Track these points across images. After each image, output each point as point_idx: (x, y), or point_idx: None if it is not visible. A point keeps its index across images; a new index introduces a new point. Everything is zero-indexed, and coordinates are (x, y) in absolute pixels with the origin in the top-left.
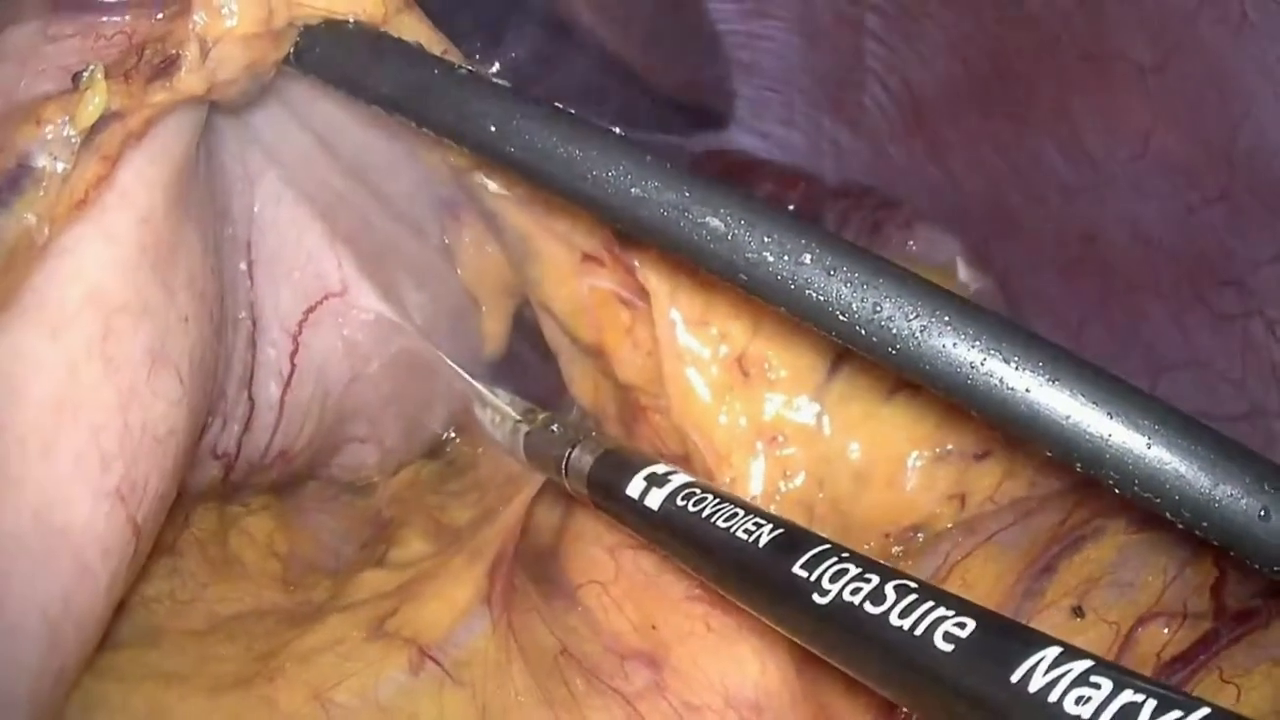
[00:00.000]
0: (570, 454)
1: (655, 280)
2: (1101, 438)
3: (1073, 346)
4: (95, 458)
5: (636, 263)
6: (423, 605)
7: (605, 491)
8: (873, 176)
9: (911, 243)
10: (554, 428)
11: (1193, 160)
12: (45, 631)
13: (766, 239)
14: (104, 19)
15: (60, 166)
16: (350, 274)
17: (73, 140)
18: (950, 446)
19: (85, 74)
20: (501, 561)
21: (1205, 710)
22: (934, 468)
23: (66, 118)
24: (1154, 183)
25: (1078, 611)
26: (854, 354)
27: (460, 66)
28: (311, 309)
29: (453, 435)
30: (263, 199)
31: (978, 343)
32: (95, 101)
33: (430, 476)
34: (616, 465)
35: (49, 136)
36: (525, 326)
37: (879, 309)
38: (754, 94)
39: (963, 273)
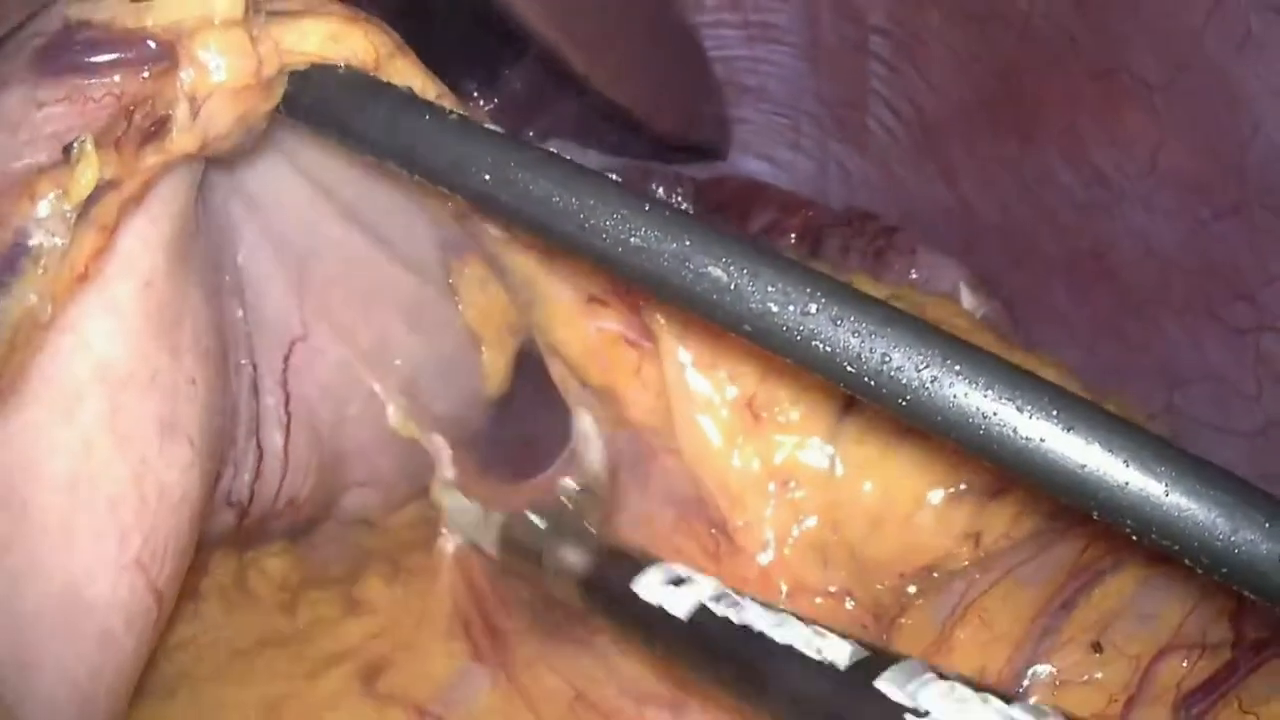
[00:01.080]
0: (559, 550)
1: (663, 321)
2: (1118, 486)
3: (1086, 362)
4: (114, 532)
5: (643, 303)
6: (408, 666)
7: (607, 595)
8: (881, 198)
9: (914, 271)
10: (535, 519)
11: (1203, 175)
12: (78, 699)
13: (771, 289)
14: (90, 81)
15: (58, 242)
16: (310, 317)
17: (68, 214)
18: (964, 485)
19: (75, 146)
20: (473, 619)
21: None
22: (949, 507)
23: (60, 192)
24: (1164, 198)
25: (1097, 647)
26: None
27: (452, 112)
28: (287, 356)
29: None
30: (246, 247)
31: (990, 392)
32: (88, 175)
33: (429, 515)
34: (620, 564)
35: (44, 213)
36: (527, 367)
37: (888, 359)
38: (760, 119)
39: (966, 299)
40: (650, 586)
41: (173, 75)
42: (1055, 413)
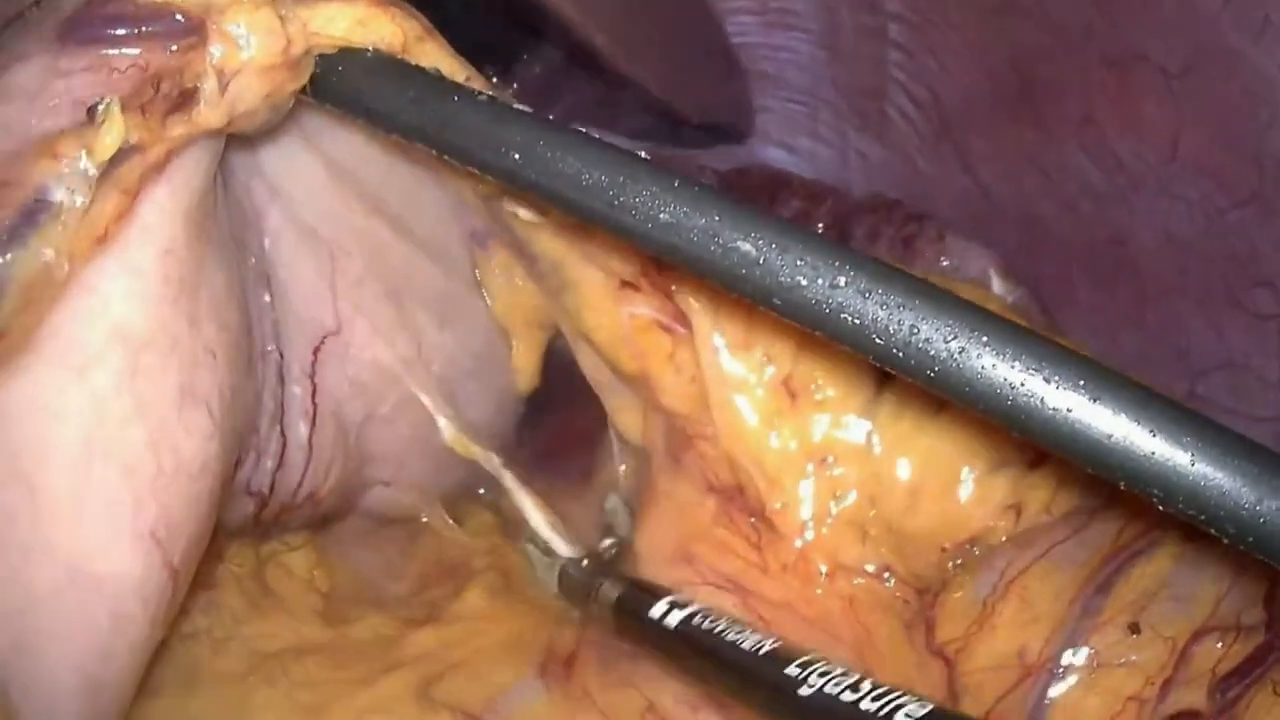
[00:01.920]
0: (599, 586)
1: (695, 304)
2: (1145, 455)
3: (1108, 352)
4: (128, 501)
5: (674, 287)
6: (471, 674)
7: (631, 615)
8: (901, 187)
9: (944, 258)
10: (584, 563)
11: (1221, 163)
12: (84, 689)
13: (800, 262)
14: (115, 51)
15: (79, 200)
16: (345, 312)
17: (90, 174)
18: (1003, 456)
19: (101, 106)
20: (559, 647)
21: None
22: (988, 480)
23: (83, 151)
24: (1183, 186)
25: (1134, 628)
26: None
27: (482, 94)
28: (317, 348)
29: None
30: (271, 233)
31: (1017, 363)
32: (113, 134)
33: (482, 526)
34: (642, 592)
35: (65, 170)
36: (556, 362)
37: (916, 330)
38: (779, 107)
39: (996, 285)
40: (659, 607)
41: (202, 50)
42: (1082, 383)
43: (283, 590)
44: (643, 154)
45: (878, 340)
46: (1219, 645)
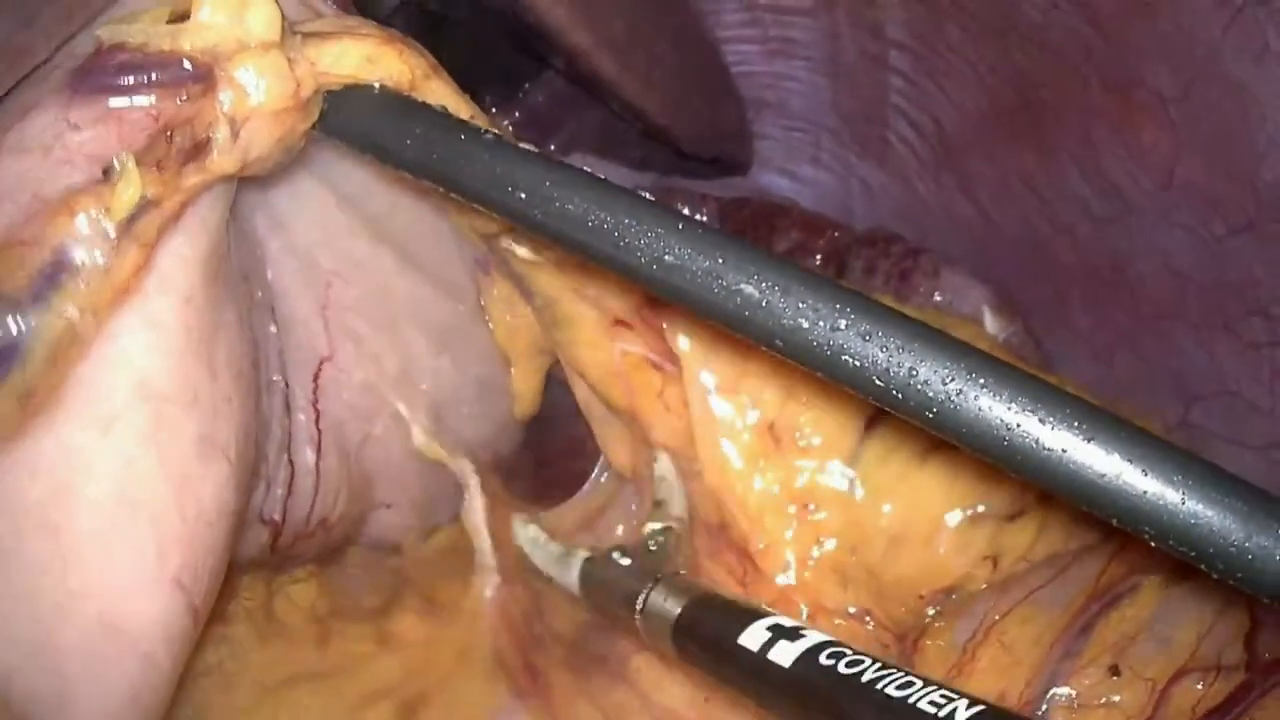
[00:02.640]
0: (649, 592)
1: (686, 345)
2: (1138, 494)
3: (1104, 375)
4: (153, 551)
5: (666, 326)
6: (448, 699)
7: (702, 641)
8: (901, 213)
9: (938, 293)
10: (621, 559)
11: (1218, 190)
12: None
13: (801, 304)
14: (125, 100)
15: (99, 259)
16: (336, 337)
17: (109, 232)
18: (983, 508)
19: (117, 164)
20: (511, 659)
21: None
22: (968, 529)
23: (102, 210)
24: (1180, 213)
25: (1114, 670)
26: (887, 418)
27: (488, 131)
28: (316, 374)
29: None
30: (273, 264)
31: (1013, 404)
32: (130, 191)
33: (461, 545)
34: (718, 611)
35: (84, 230)
36: (557, 386)
37: (915, 373)
38: (781, 134)
39: (990, 322)
40: (756, 634)
41: (211, 98)
42: (1077, 424)
43: (288, 621)
44: (647, 195)
45: (877, 382)
46: (1199, 685)
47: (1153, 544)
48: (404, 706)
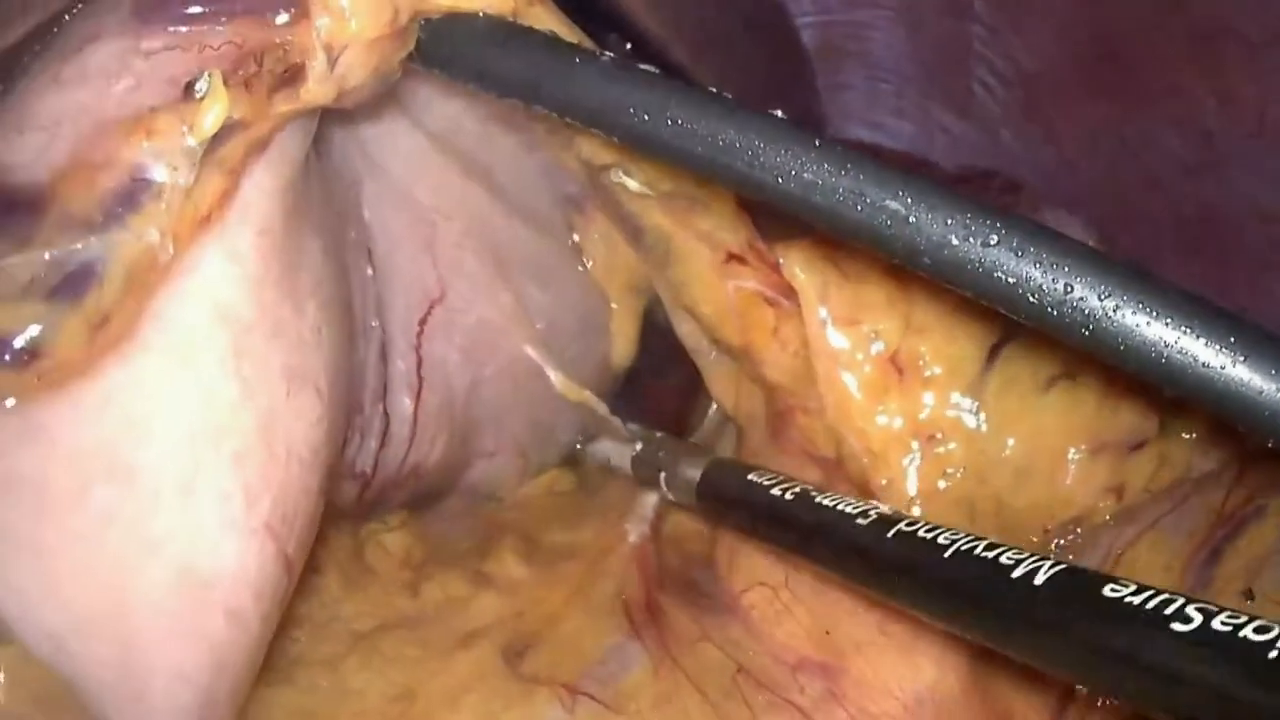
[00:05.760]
0: (677, 467)
1: (803, 278)
2: None
3: None
4: (240, 492)
5: (781, 260)
6: (555, 646)
7: (718, 496)
8: (985, 162)
9: None
10: (660, 450)
11: None
12: (198, 705)
13: (950, 221)
14: (206, 28)
15: (181, 179)
16: (447, 276)
17: (194, 151)
18: (1106, 438)
19: (201, 81)
20: (633, 598)
21: None
22: (1091, 460)
23: (185, 127)
24: (1273, 159)
25: (1249, 594)
26: (1007, 348)
27: (603, 54)
28: (423, 319)
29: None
30: (370, 204)
31: (1170, 320)
32: (216, 109)
33: (561, 489)
34: (728, 470)
35: (165, 148)
36: (653, 327)
37: (1070, 289)
38: (863, 84)
39: None
40: (757, 477)
41: (307, 24)
42: (1233, 340)
43: (379, 569)
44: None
45: (1031, 299)
46: None
47: None
48: (507, 647)
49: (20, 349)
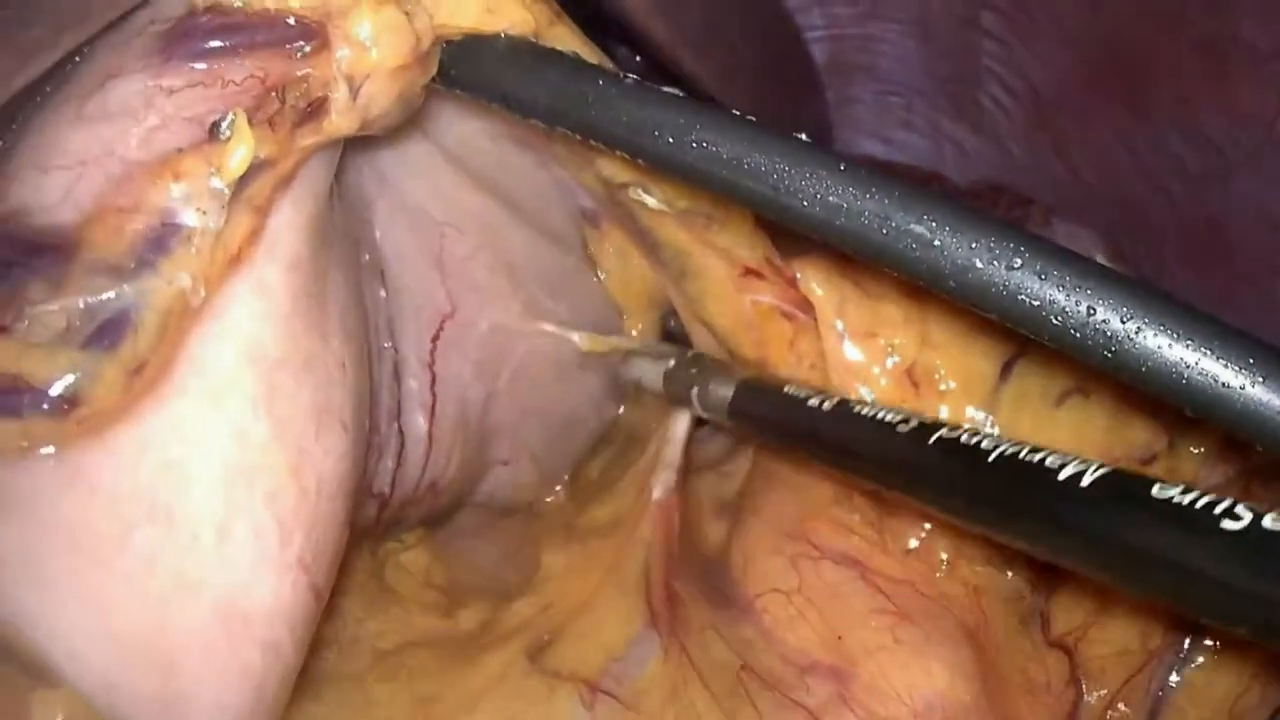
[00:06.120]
0: (709, 384)
1: (820, 292)
2: None
3: None
4: (274, 530)
5: (798, 274)
6: (579, 636)
7: (752, 411)
8: (995, 175)
9: None
10: (692, 367)
11: None
12: None
13: (975, 244)
14: (227, 63)
15: (210, 223)
16: (457, 290)
17: (223, 193)
18: (1118, 452)
19: (226, 122)
20: (655, 579)
21: None
22: None
23: (212, 169)
24: (1279, 168)
25: None
26: (1022, 362)
27: (626, 75)
28: (435, 336)
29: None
30: (382, 225)
31: (1191, 342)
32: (242, 150)
33: (573, 491)
34: (762, 386)
35: (193, 192)
36: (668, 339)
37: (1093, 312)
38: (872, 98)
39: None
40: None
41: (327, 56)
42: (1252, 361)
43: (401, 588)
44: (802, 136)
45: (1054, 321)
46: None
47: None
48: (533, 644)
49: (58, 397)
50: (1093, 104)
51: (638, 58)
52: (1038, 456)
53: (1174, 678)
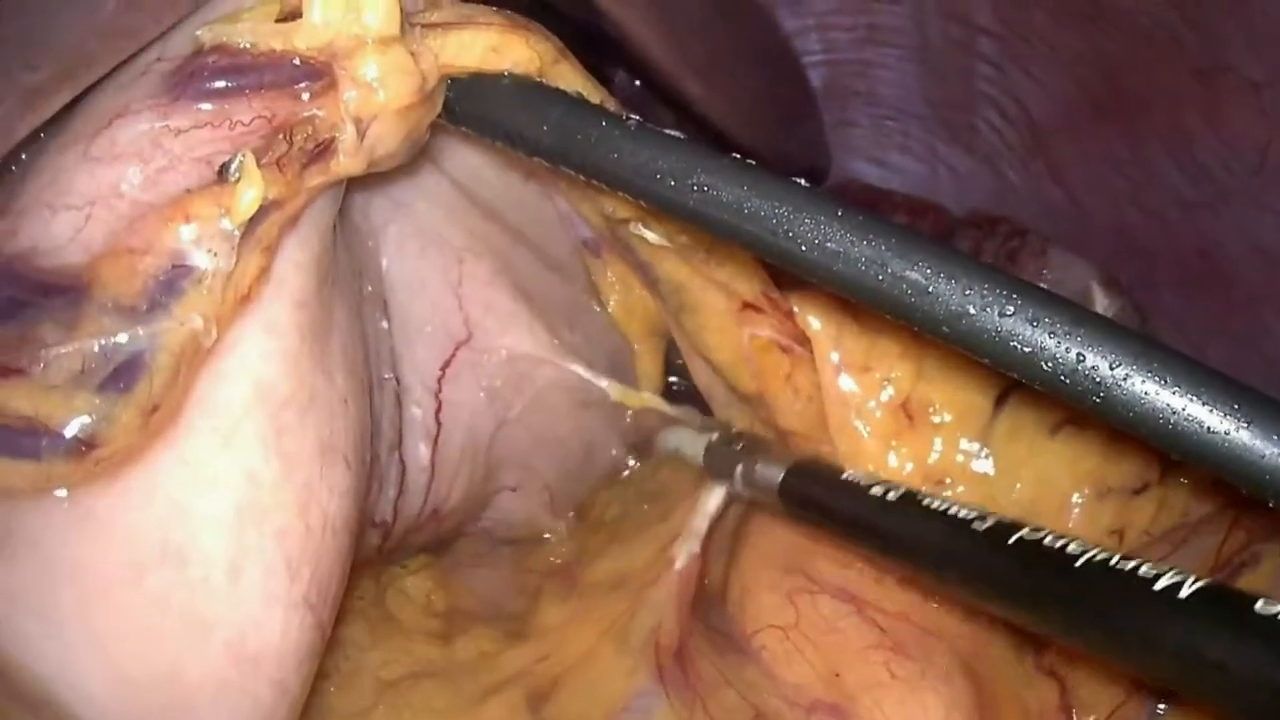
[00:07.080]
0: (755, 463)
1: (817, 326)
2: None
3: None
4: (283, 569)
5: (796, 308)
6: (580, 689)
7: (805, 495)
8: (990, 200)
9: (1046, 272)
10: (737, 443)
11: None
12: None
13: (968, 291)
14: (235, 104)
15: (222, 263)
16: (475, 315)
17: (233, 235)
18: (1111, 483)
19: (234, 163)
20: (666, 642)
21: None
22: (1096, 504)
23: (221, 211)
24: (1272, 196)
25: None
26: (1015, 395)
27: (629, 117)
28: (446, 363)
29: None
30: (389, 254)
31: (1178, 388)
32: (251, 194)
33: (579, 528)
34: (816, 469)
35: (204, 233)
36: (672, 369)
37: (1082, 358)
38: (869, 122)
39: (1098, 298)
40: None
41: (334, 97)
42: (1236, 407)
43: (402, 615)
44: (802, 181)
45: (1045, 367)
46: None
47: None
48: (533, 694)
49: (75, 439)
50: (1088, 131)
51: (636, 81)
52: (1130, 565)
53: (1161, 706)
